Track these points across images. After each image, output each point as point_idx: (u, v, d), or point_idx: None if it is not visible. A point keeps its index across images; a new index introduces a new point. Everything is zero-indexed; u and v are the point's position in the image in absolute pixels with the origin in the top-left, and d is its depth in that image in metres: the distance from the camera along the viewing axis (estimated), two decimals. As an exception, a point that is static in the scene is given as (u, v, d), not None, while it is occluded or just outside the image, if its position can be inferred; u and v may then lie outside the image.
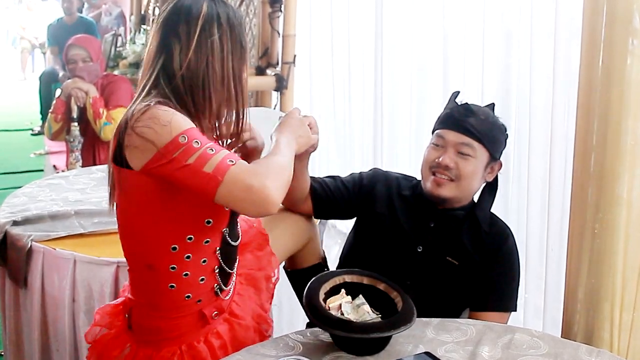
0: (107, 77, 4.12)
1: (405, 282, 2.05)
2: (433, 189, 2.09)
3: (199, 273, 1.79)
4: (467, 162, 2.06)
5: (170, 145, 1.57)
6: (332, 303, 1.88)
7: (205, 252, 1.78)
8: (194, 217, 1.72)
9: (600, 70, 1.92)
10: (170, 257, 1.73)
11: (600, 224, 1.97)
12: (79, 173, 3.36)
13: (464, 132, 2.06)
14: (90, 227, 2.61)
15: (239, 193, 1.56)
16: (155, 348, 1.81)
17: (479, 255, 2.09)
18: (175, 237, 1.72)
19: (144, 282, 1.81)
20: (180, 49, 1.68)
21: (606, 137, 1.92)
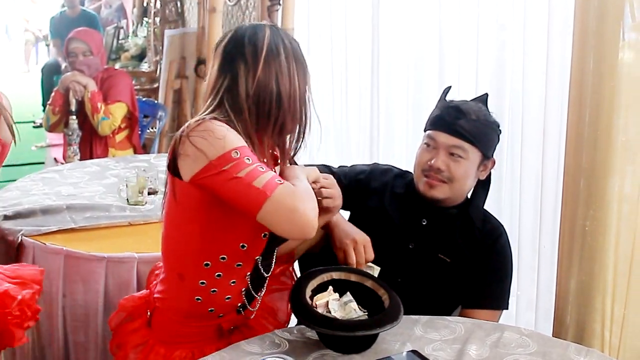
0: (107, 71, 4.09)
1: (396, 279, 2.03)
2: (426, 191, 2.08)
3: (226, 292, 1.83)
4: (458, 164, 2.04)
5: (222, 157, 1.59)
6: (320, 300, 1.85)
7: (236, 274, 1.81)
8: (231, 239, 1.74)
9: (592, 65, 1.90)
10: (201, 272, 1.78)
11: (591, 221, 1.95)
12: (73, 167, 3.35)
13: (454, 135, 2.04)
14: (82, 222, 2.60)
15: (284, 212, 1.57)
16: (169, 349, 1.87)
17: (472, 253, 2.08)
18: (210, 254, 1.76)
19: (173, 288, 1.86)
20: (247, 70, 1.68)
21: (597, 133, 1.90)
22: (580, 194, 1.97)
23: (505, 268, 2.10)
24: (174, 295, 1.86)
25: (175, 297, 1.86)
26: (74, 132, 3.96)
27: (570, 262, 2.02)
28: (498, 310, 2.08)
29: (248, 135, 1.69)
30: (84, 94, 3.86)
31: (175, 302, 1.86)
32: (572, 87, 1.96)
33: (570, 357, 1.76)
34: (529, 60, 2.34)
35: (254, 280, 1.86)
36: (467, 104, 2.09)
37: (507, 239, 2.12)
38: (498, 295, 2.09)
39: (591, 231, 1.95)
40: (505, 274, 2.10)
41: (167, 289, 1.87)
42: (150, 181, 2.88)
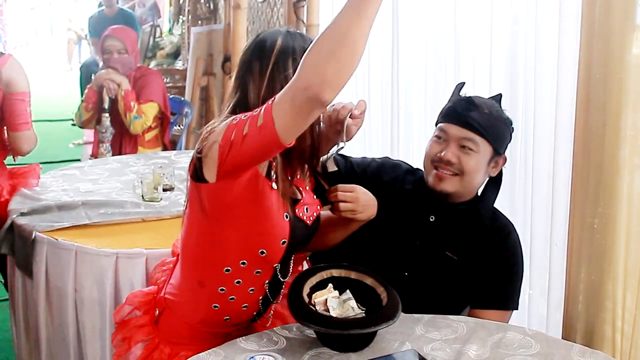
0: (141, 70, 4.11)
1: (402, 274, 2.00)
2: (435, 184, 2.04)
3: (244, 300, 1.83)
4: (469, 157, 2.00)
5: (227, 132, 1.55)
6: (318, 298, 1.83)
7: (255, 282, 1.81)
8: (251, 242, 1.73)
9: (599, 59, 1.84)
10: (221, 278, 1.77)
11: (599, 218, 1.90)
12: (94, 164, 3.39)
13: (466, 127, 2.00)
14: (96, 218, 2.62)
15: (289, 115, 1.45)
16: (174, 349, 1.88)
17: (480, 251, 2.03)
18: (231, 259, 1.75)
19: (190, 295, 1.85)
20: (255, 86, 1.68)
21: (605, 127, 1.84)
22: (588, 190, 1.91)
23: (515, 267, 2.05)
24: (190, 301, 1.86)
25: (192, 303, 1.86)
26: (107, 130, 3.99)
27: (580, 260, 1.97)
28: (507, 311, 2.03)
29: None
30: (117, 92, 3.89)
31: (191, 308, 1.86)
32: (580, 82, 1.91)
33: (573, 359, 1.71)
34: (540, 55, 2.28)
35: (272, 288, 1.85)
36: (480, 98, 2.05)
37: (517, 238, 2.07)
38: (507, 296, 2.03)
39: (600, 229, 1.90)
40: (514, 273, 2.05)
41: (184, 294, 1.87)
42: (166, 178, 2.90)
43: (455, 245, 2.05)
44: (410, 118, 3.12)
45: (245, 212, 1.67)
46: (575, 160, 1.97)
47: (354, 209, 1.85)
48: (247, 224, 1.69)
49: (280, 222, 1.72)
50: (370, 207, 1.88)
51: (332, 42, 1.35)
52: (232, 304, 1.82)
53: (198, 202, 1.70)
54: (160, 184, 2.84)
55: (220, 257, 1.76)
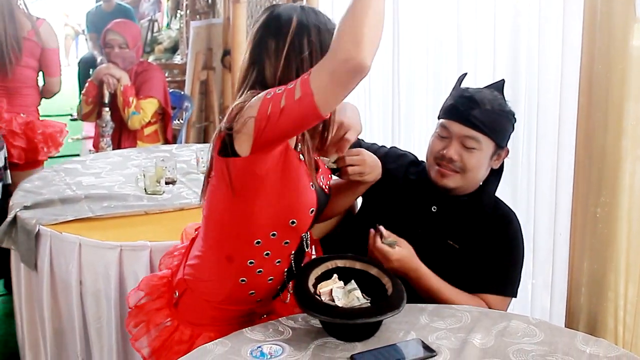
0: (142, 65, 4.10)
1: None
2: (438, 180, 2.06)
3: (270, 272, 1.84)
4: (471, 155, 2.02)
5: (262, 107, 1.56)
6: (323, 288, 1.84)
7: (282, 253, 1.83)
8: (282, 213, 1.75)
9: (601, 51, 1.85)
10: (251, 251, 1.78)
11: (602, 207, 1.91)
12: (96, 157, 3.40)
13: (468, 125, 2.01)
14: (99, 211, 2.63)
15: (329, 87, 1.48)
16: (195, 330, 1.88)
17: (481, 239, 2.05)
18: (262, 231, 1.76)
19: (217, 272, 1.85)
20: (271, 65, 1.69)
21: (607, 118, 1.85)
22: (591, 180, 1.93)
23: (515, 255, 2.06)
24: (216, 278, 1.86)
25: (218, 280, 1.86)
26: (107, 124, 4.00)
27: (583, 250, 1.98)
28: (505, 297, 2.04)
29: None
30: (117, 87, 3.89)
31: (217, 285, 1.86)
32: (582, 73, 1.92)
33: (577, 347, 1.72)
34: (543, 46, 2.29)
35: (297, 258, 1.87)
36: (482, 93, 2.04)
37: (518, 227, 2.08)
38: (506, 282, 2.05)
39: (602, 218, 1.91)
40: (514, 261, 2.06)
41: (209, 272, 1.87)
42: (168, 171, 2.90)
43: (457, 235, 2.07)
44: (412, 110, 3.13)
45: (276, 184, 1.69)
46: (577, 151, 1.98)
47: (362, 171, 1.92)
48: (278, 195, 1.71)
49: (308, 192, 1.76)
50: (377, 168, 1.96)
51: (360, 11, 1.41)
52: (259, 277, 1.83)
53: (227, 178, 1.70)
54: (163, 177, 2.85)
55: (251, 231, 1.76)
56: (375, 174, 1.96)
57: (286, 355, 1.64)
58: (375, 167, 1.95)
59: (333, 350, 1.70)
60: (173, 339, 1.89)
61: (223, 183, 1.72)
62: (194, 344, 1.86)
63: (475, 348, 1.70)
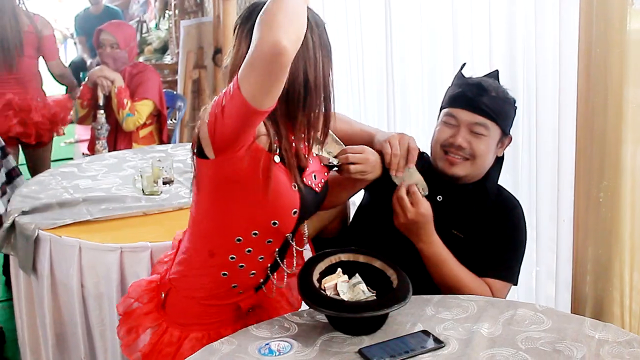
0: (137, 66, 4.07)
1: (409, 254, 1.99)
2: (447, 168, 2.06)
3: (252, 267, 1.83)
4: (480, 141, 2.02)
5: (212, 109, 1.58)
6: (328, 283, 1.83)
7: (265, 250, 1.82)
8: (262, 214, 1.74)
9: (599, 34, 1.84)
10: (232, 247, 1.78)
11: (604, 192, 1.90)
12: (91, 160, 3.37)
13: (477, 112, 2.01)
14: (97, 214, 2.61)
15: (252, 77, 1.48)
16: (184, 331, 1.87)
17: (485, 227, 2.05)
18: (243, 229, 1.76)
19: (200, 266, 1.85)
20: None
21: (607, 101, 1.85)
22: (592, 164, 1.92)
23: (517, 241, 2.06)
24: (198, 273, 1.85)
25: (200, 275, 1.85)
26: (103, 126, 3.96)
27: (586, 235, 1.98)
28: (506, 282, 2.03)
29: (278, 128, 1.68)
30: (111, 89, 3.86)
31: (199, 279, 1.85)
32: (581, 57, 1.91)
33: (585, 333, 1.71)
34: (540, 31, 2.28)
35: (282, 254, 1.86)
36: (486, 81, 2.07)
37: (521, 213, 2.08)
38: (507, 266, 2.04)
39: (605, 202, 1.90)
40: (516, 247, 2.06)
41: (192, 267, 1.86)
42: (165, 171, 2.88)
43: (462, 224, 2.07)
44: (407, 103, 3.11)
45: (252, 186, 1.68)
46: (578, 135, 1.97)
47: (364, 169, 1.89)
48: (255, 197, 1.69)
49: (289, 193, 1.73)
50: (378, 166, 1.92)
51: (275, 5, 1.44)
52: (241, 272, 1.82)
53: (205, 177, 1.71)
54: (160, 177, 2.83)
55: (231, 229, 1.76)
56: (376, 173, 1.93)
57: (294, 352, 1.64)
58: (377, 166, 1.92)
59: (340, 345, 1.69)
60: (162, 341, 1.88)
61: (203, 182, 1.74)
62: (182, 345, 1.86)
63: (483, 338, 1.70)
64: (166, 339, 1.88)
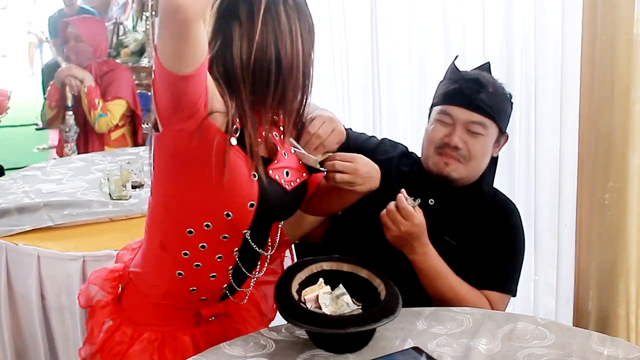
0: (108, 64, 3.91)
1: (399, 262, 1.84)
2: (441, 170, 1.92)
3: (211, 268, 1.66)
4: (477, 141, 1.90)
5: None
6: (309, 294, 1.68)
7: (223, 249, 1.64)
8: (214, 203, 1.56)
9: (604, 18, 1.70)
10: (184, 241, 1.61)
11: (610, 193, 1.77)
12: (57, 163, 3.25)
13: (474, 110, 1.89)
14: (59, 220, 2.47)
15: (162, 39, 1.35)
16: (137, 330, 1.72)
17: (480, 233, 1.92)
18: (193, 219, 1.59)
19: (153, 260, 1.70)
20: (242, 33, 1.49)
21: (613, 93, 1.71)
22: (597, 163, 1.79)
23: (515, 249, 1.93)
24: (153, 269, 1.69)
25: (155, 271, 1.69)
26: (71, 129, 3.83)
27: (590, 240, 1.84)
28: (503, 294, 1.89)
29: (242, 108, 1.51)
30: (80, 88, 3.69)
31: (155, 276, 1.70)
32: (584, 43, 1.77)
33: (592, 348, 1.56)
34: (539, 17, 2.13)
35: (244, 258, 1.68)
36: (483, 75, 1.94)
37: (519, 219, 1.96)
38: (504, 277, 1.90)
39: (611, 205, 1.77)
40: (514, 255, 1.92)
41: (147, 261, 1.71)
42: (134, 174, 2.73)
43: (455, 230, 1.94)
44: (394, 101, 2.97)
45: (203, 168, 1.51)
46: (581, 131, 1.84)
47: (353, 180, 1.67)
48: (207, 181, 1.52)
49: (246, 183, 1.55)
50: (372, 179, 1.71)
51: None
52: (198, 272, 1.65)
53: (157, 153, 1.56)
54: (129, 180, 2.68)
55: (182, 218, 1.59)
56: (369, 186, 1.71)
57: (271, 373, 1.47)
58: (370, 178, 1.70)
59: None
60: (114, 338, 1.72)
61: (157, 161, 1.58)
62: (133, 344, 1.70)
63: (480, 355, 1.54)
64: (117, 337, 1.72)
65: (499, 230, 1.92)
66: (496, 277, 1.89)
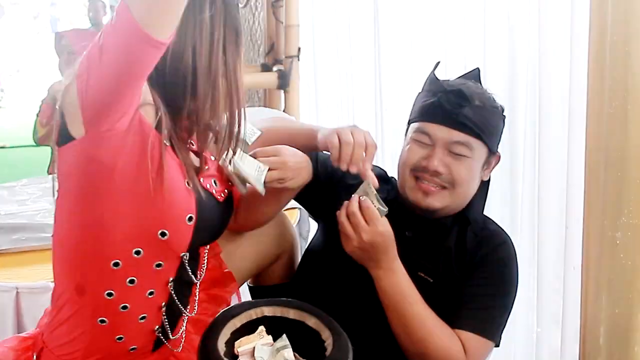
0: None
1: (366, 301, 1.59)
2: (419, 200, 1.63)
3: (141, 308, 1.39)
4: (461, 164, 1.60)
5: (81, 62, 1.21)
6: (244, 346, 1.38)
7: (155, 280, 1.38)
8: (147, 221, 1.29)
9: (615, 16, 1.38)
10: (108, 278, 1.34)
11: (623, 231, 1.44)
12: (28, 182, 3.02)
13: (458, 128, 1.59)
14: (5, 245, 2.22)
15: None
16: None
17: (462, 268, 1.62)
18: (119, 247, 1.31)
19: (69, 313, 1.39)
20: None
21: (627, 108, 1.38)
22: (607, 194, 1.46)
23: (503, 286, 1.61)
24: (69, 322, 1.39)
25: (72, 324, 1.39)
26: (63, 146, 3.63)
27: (598, 289, 1.50)
28: (482, 338, 1.56)
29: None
30: None
31: (71, 330, 1.39)
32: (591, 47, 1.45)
33: None
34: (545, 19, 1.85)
35: (179, 288, 1.41)
36: (468, 86, 1.64)
37: (512, 252, 1.65)
38: (487, 318, 1.58)
39: (624, 245, 1.44)
40: (501, 293, 1.61)
41: (60, 315, 1.40)
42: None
43: (432, 265, 1.64)
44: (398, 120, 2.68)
45: (132, 177, 1.24)
46: (589, 155, 1.51)
47: (282, 176, 1.49)
48: (136, 195, 1.25)
49: (183, 192, 1.29)
50: (303, 170, 1.54)
51: None
52: (125, 316, 1.37)
53: (69, 170, 1.27)
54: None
55: (105, 248, 1.31)
56: (302, 178, 1.53)
57: None
58: (300, 169, 1.51)
59: None
60: None
61: (66, 183, 1.29)
62: None
63: None
64: None
65: (485, 263, 1.62)
66: (477, 316, 1.57)
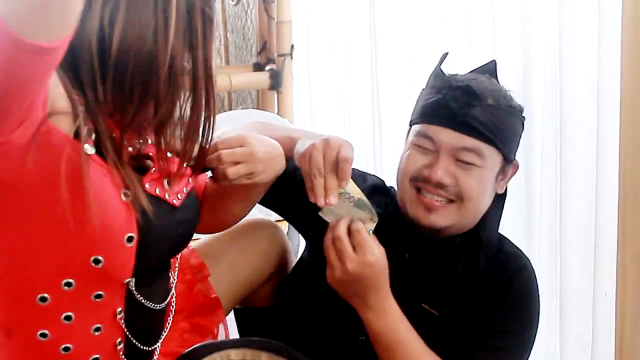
0: None
1: (357, 337, 1.42)
2: (421, 217, 1.40)
3: (89, 349, 1.15)
4: (470, 175, 1.38)
5: None
6: (207, 399, 1.15)
7: (99, 314, 1.13)
8: (72, 247, 1.06)
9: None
10: (37, 316, 1.11)
11: None
12: None
13: (466, 131, 1.37)
14: None
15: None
16: None
17: (473, 298, 1.39)
18: (44, 279, 1.08)
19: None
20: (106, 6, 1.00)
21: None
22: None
23: (522, 321, 1.39)
24: None
25: None
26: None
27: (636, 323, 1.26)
28: None
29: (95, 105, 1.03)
30: None
31: None
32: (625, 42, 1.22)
33: None
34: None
35: (133, 320, 1.17)
36: (479, 82, 1.41)
37: (533, 280, 1.42)
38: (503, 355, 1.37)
39: None
40: (520, 331, 1.38)
41: None
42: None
43: (438, 295, 1.42)
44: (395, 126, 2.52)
45: (45, 196, 1.02)
46: (623, 162, 1.27)
47: (251, 170, 1.27)
48: (54, 216, 1.03)
49: (116, 207, 1.06)
50: (275, 161, 1.32)
51: None
52: (70, 358, 1.13)
53: None
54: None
55: (26, 279, 1.08)
56: (273, 170, 1.32)
57: None
58: (270, 159, 1.28)
59: None
60: None
61: None
62: None
63: None
64: None
65: (501, 295, 1.39)
66: (488, 356, 1.35)
